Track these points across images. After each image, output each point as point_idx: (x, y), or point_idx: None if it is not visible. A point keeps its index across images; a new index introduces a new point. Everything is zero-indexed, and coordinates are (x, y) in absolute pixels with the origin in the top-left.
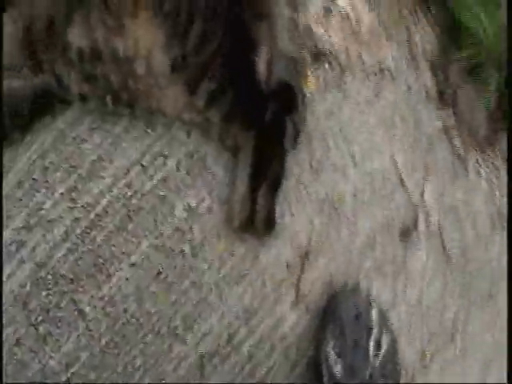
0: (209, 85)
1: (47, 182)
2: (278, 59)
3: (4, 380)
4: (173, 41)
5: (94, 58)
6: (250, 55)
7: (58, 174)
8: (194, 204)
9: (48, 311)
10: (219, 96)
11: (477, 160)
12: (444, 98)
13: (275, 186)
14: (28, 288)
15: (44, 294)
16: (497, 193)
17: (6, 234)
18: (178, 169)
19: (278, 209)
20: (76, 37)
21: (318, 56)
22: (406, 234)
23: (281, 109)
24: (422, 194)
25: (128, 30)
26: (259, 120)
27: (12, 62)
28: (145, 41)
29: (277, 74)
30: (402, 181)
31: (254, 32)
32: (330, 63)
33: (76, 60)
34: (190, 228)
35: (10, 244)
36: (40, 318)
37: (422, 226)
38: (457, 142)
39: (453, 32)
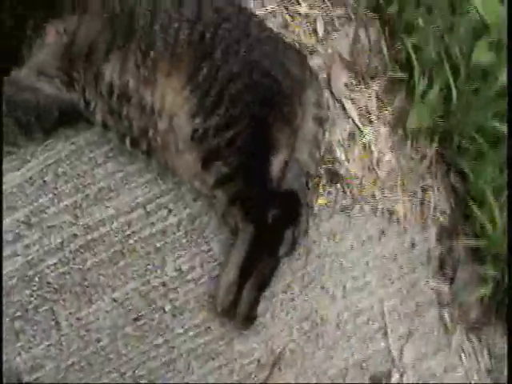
0: (222, 167)
1: (56, 188)
2: (293, 168)
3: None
4: (199, 111)
5: (122, 98)
6: (267, 154)
7: (68, 185)
8: (184, 268)
9: (27, 310)
10: (229, 180)
11: (462, 337)
12: (444, 268)
13: (262, 284)
14: (14, 281)
15: (27, 292)
16: (475, 375)
17: (7, 221)
18: (177, 227)
19: (261, 306)
20: (110, 73)
21: (333, 177)
22: (377, 381)
23: (283, 215)
24: (401, 351)
25: (159, 85)
26: (261, 216)
27: (47, 70)
28: (172, 100)
29: (288, 182)
30: (385, 328)
31: (276, 134)
32: (342, 188)
33: (105, 93)
34: (176, 289)
35: (9, 231)
36: (18, 314)
37: (394, 380)
38: (446, 313)
39: (466, 207)
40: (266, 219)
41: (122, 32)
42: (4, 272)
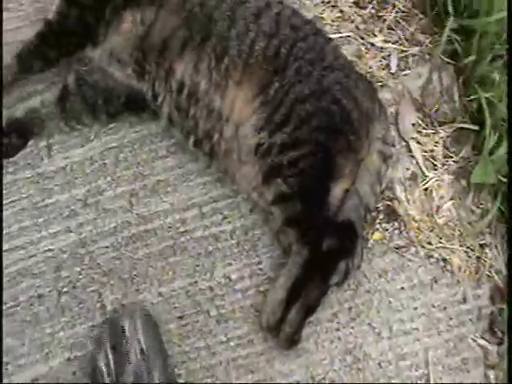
0: (282, 185)
1: (115, 173)
2: (352, 199)
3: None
4: (266, 125)
5: (191, 98)
6: (329, 180)
7: (127, 172)
8: (233, 277)
9: (74, 287)
10: (288, 200)
11: None
12: (493, 328)
13: (309, 308)
14: (65, 255)
15: (77, 269)
16: None
17: (65, 196)
18: (230, 235)
19: (305, 331)
20: (182, 71)
21: (391, 215)
22: None
23: (339, 245)
24: None
25: (229, 91)
26: (317, 242)
27: (120, 56)
28: (241, 109)
29: (346, 212)
30: (428, 378)
31: (339, 162)
32: (399, 227)
33: (175, 90)
34: (223, 296)
35: (65, 207)
36: (65, 289)
37: None
38: (492, 375)
39: None
40: (321, 245)
41: (199, 32)
42: (56, 246)
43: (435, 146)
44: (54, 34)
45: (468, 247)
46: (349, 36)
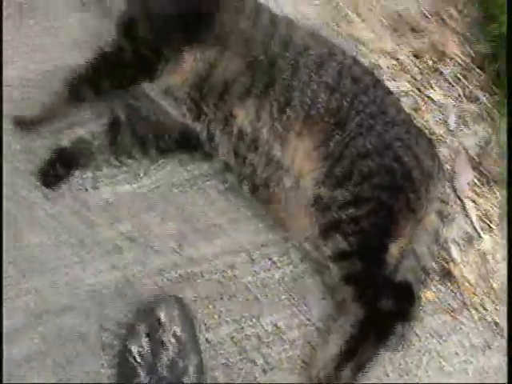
0: (341, 242)
1: (164, 212)
2: (410, 259)
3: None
4: (326, 180)
5: (251, 144)
6: (388, 239)
7: (176, 212)
8: (281, 325)
9: (117, 325)
10: (347, 257)
11: None
12: None
13: (362, 367)
14: (109, 292)
15: (120, 307)
16: None
17: (110, 230)
18: (279, 283)
19: None
20: (242, 118)
21: (445, 275)
22: None
23: (397, 308)
24: None
25: (290, 142)
26: (374, 303)
27: (177, 93)
28: (301, 161)
29: (403, 272)
30: None
31: (399, 221)
32: (453, 289)
33: (234, 136)
34: (270, 344)
35: (110, 242)
36: (108, 327)
37: None
38: None
39: None
40: (378, 306)
41: (262, 79)
42: (100, 283)
43: (491, 206)
44: (109, 66)
45: None
46: (406, 89)
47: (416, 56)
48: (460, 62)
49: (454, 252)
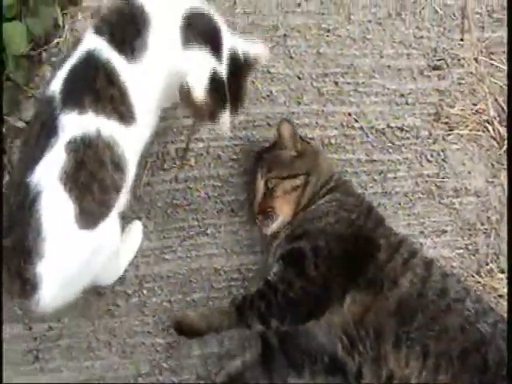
0: None
1: None
2: None
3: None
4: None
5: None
6: None
7: None
8: None
9: None
10: None
11: None
12: None
13: None
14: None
15: None
16: None
17: None
18: None
19: None
20: (393, 362)
21: None
22: None
23: None
24: None
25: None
26: None
27: (332, 329)
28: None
29: None
30: None
31: None
32: None
33: (383, 377)
34: None
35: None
36: None
37: None
38: None
39: None
40: None
41: (411, 322)
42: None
43: None
44: (277, 302)
45: None
46: None
47: None
48: None
49: None
